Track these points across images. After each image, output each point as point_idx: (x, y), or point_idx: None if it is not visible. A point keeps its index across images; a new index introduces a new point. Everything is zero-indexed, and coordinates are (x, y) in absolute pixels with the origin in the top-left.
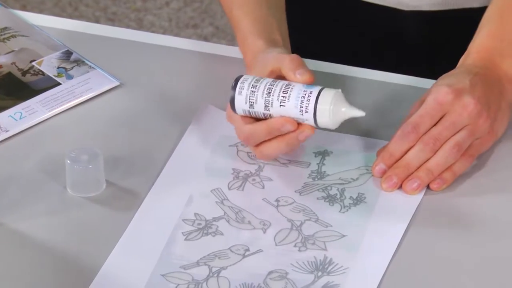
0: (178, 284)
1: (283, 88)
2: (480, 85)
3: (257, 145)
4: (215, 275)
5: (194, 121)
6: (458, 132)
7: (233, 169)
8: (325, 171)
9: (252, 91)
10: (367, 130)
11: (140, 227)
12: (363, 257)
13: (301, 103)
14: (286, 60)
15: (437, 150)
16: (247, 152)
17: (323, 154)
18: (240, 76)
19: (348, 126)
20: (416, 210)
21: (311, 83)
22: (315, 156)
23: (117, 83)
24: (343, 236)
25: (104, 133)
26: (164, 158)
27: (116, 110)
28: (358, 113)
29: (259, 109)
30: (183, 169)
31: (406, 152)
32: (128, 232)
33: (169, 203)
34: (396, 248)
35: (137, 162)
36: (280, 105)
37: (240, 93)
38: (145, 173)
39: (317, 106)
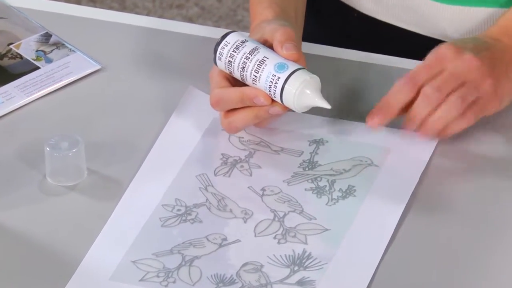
0: (148, 272)
1: (256, 66)
2: (487, 50)
3: (226, 113)
4: (187, 264)
5: (180, 106)
6: (459, 87)
7: (222, 154)
8: (317, 161)
9: (230, 61)
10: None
11: (123, 216)
12: (344, 254)
13: (269, 88)
14: (278, 32)
15: (439, 103)
16: (239, 137)
17: (318, 143)
18: (227, 34)
19: (350, 111)
20: (406, 207)
21: (296, 60)
22: (309, 145)
23: (98, 67)
24: (326, 230)
25: (85, 119)
26: (148, 144)
27: (98, 95)
28: (324, 104)
29: (237, 77)
30: (168, 155)
31: (400, 103)
32: (110, 222)
33: (151, 189)
34: (386, 248)
35: (120, 149)
36: (253, 83)
37: (219, 59)
38: (129, 160)
39: (285, 86)
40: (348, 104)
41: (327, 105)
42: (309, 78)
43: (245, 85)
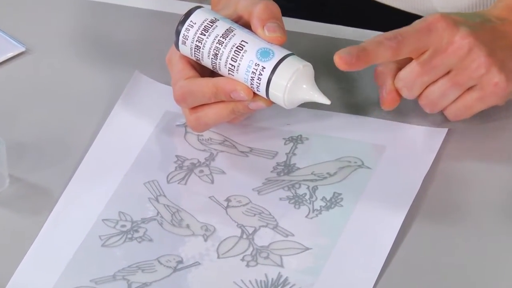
0: None
1: (232, 53)
2: (490, 30)
3: (194, 108)
4: None
5: (124, 97)
6: (440, 78)
7: (176, 156)
8: (294, 164)
9: (197, 47)
10: (363, 106)
11: (54, 234)
12: (329, 279)
13: (251, 79)
14: (258, 7)
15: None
16: (198, 135)
17: (295, 141)
18: (192, 11)
19: (334, 100)
20: (406, 219)
21: (280, 44)
22: (285, 144)
23: (22, 49)
24: (307, 249)
25: (6, 114)
26: (84, 144)
27: (22, 83)
28: (323, 99)
29: (208, 65)
30: (110, 157)
31: (378, 57)
32: (38, 242)
33: (89, 200)
34: (381, 271)
35: (50, 151)
36: (229, 73)
37: (183, 43)
38: (60, 164)
39: (272, 78)
40: (332, 92)
41: (326, 101)
42: (302, 67)
43: (216, 74)
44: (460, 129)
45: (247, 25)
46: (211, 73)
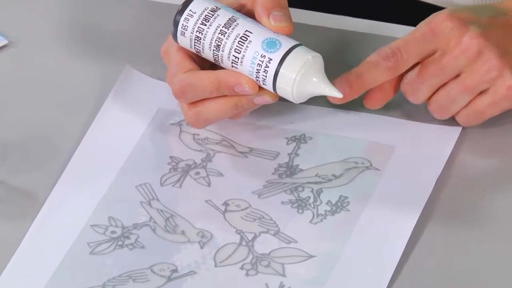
0: None
1: (236, 44)
2: (504, 25)
3: (193, 103)
4: None
5: (114, 93)
6: (449, 82)
7: (171, 157)
8: (297, 165)
9: (197, 38)
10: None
11: (39, 241)
12: None
13: (257, 72)
14: None
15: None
16: (193, 134)
17: (298, 140)
18: (190, 0)
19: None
20: (418, 224)
21: (287, 34)
22: (287, 144)
23: (5, 42)
24: (311, 257)
25: None
26: (72, 144)
27: (4, 78)
28: (334, 92)
29: (209, 57)
30: (98, 159)
31: (376, 81)
32: (21, 249)
33: (77, 204)
34: (390, 280)
35: (34, 151)
36: (232, 66)
37: (182, 34)
38: (46, 166)
39: (280, 70)
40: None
41: (338, 94)
42: (311, 58)
43: (216, 67)
44: (475, 127)
45: (250, 14)
46: (211, 66)
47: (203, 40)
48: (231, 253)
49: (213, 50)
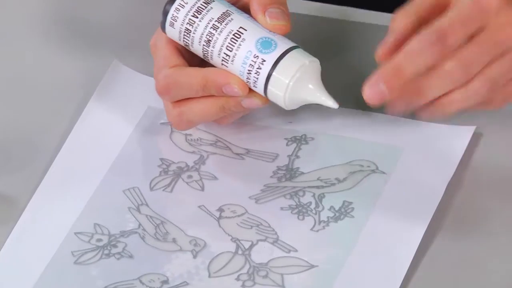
0: None
1: (228, 41)
2: None
3: (178, 101)
4: None
5: (101, 89)
6: (498, 60)
7: (161, 159)
8: (298, 168)
9: (187, 30)
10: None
11: (19, 249)
12: None
13: (248, 73)
14: None
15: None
16: (186, 135)
17: (299, 141)
18: None
19: (344, 93)
20: (428, 232)
21: (284, 33)
22: (287, 145)
23: None
24: (312, 267)
25: None
26: (54, 145)
27: None
28: (330, 102)
29: (197, 52)
30: (83, 161)
31: (418, 73)
32: (1, 257)
33: (60, 210)
34: None
35: (14, 153)
36: (222, 64)
37: (172, 25)
38: (27, 169)
39: (273, 73)
40: (342, 85)
41: (334, 104)
42: (308, 62)
43: (206, 63)
44: (490, 127)
45: (245, 9)
46: (201, 62)
47: (193, 33)
48: (226, 263)
49: (203, 45)
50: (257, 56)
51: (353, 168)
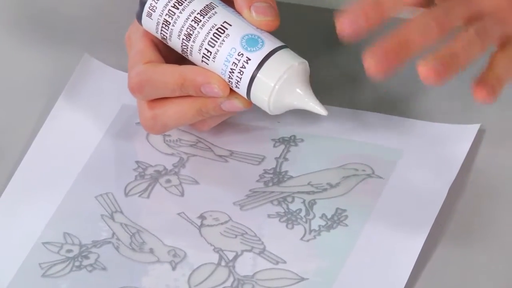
0: None
1: (211, 36)
2: None
3: (152, 102)
4: None
5: (71, 86)
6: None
7: (137, 162)
8: (286, 171)
9: (166, 22)
10: (373, 100)
11: None
12: None
13: (230, 72)
14: None
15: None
16: (164, 136)
17: (287, 142)
18: None
19: (337, 91)
20: (428, 241)
21: (271, 30)
22: (274, 146)
23: None
24: (302, 279)
25: None
26: (20, 147)
27: None
28: (319, 109)
29: (175, 47)
30: (51, 165)
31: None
32: None
33: (26, 218)
34: None
35: None
36: (202, 61)
37: (149, 15)
38: None
39: (257, 75)
40: (335, 82)
41: (322, 111)
42: (297, 64)
43: (184, 60)
44: (495, 125)
45: (230, 4)
46: (179, 59)
47: (172, 26)
48: (208, 275)
49: (183, 39)
50: (242, 53)
51: (346, 172)
